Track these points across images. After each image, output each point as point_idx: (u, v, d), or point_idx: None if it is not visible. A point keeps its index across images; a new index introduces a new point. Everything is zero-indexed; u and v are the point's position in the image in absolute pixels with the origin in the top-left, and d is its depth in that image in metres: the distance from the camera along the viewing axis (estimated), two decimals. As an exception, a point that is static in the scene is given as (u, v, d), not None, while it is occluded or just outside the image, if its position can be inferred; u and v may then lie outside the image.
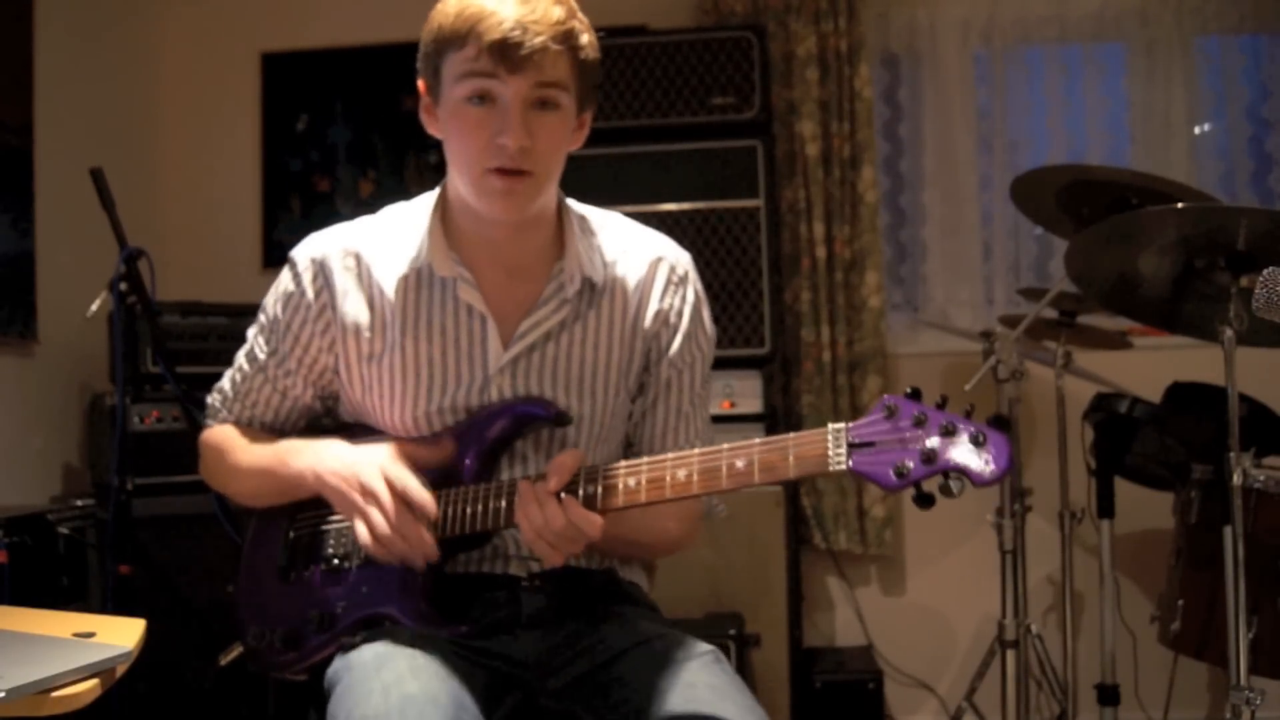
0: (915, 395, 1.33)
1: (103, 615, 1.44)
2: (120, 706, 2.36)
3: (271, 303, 1.67)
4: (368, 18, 3.80)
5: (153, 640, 1.37)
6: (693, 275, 1.68)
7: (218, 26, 3.94)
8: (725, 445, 1.39)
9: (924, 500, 1.30)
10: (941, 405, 1.33)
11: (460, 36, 1.45)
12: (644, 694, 1.45)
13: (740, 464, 1.37)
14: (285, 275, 1.66)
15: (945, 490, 1.29)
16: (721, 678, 1.47)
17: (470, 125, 1.48)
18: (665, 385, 1.66)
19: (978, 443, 1.28)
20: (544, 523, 1.43)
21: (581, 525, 1.42)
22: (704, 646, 1.53)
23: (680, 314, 1.65)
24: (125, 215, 2.56)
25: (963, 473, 1.28)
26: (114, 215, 2.53)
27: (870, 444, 1.32)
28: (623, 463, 1.45)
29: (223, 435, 1.73)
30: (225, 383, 1.75)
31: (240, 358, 1.73)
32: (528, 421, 1.57)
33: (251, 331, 1.72)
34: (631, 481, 1.42)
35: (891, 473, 1.30)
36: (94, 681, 1.17)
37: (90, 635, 1.30)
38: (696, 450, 1.41)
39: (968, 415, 1.32)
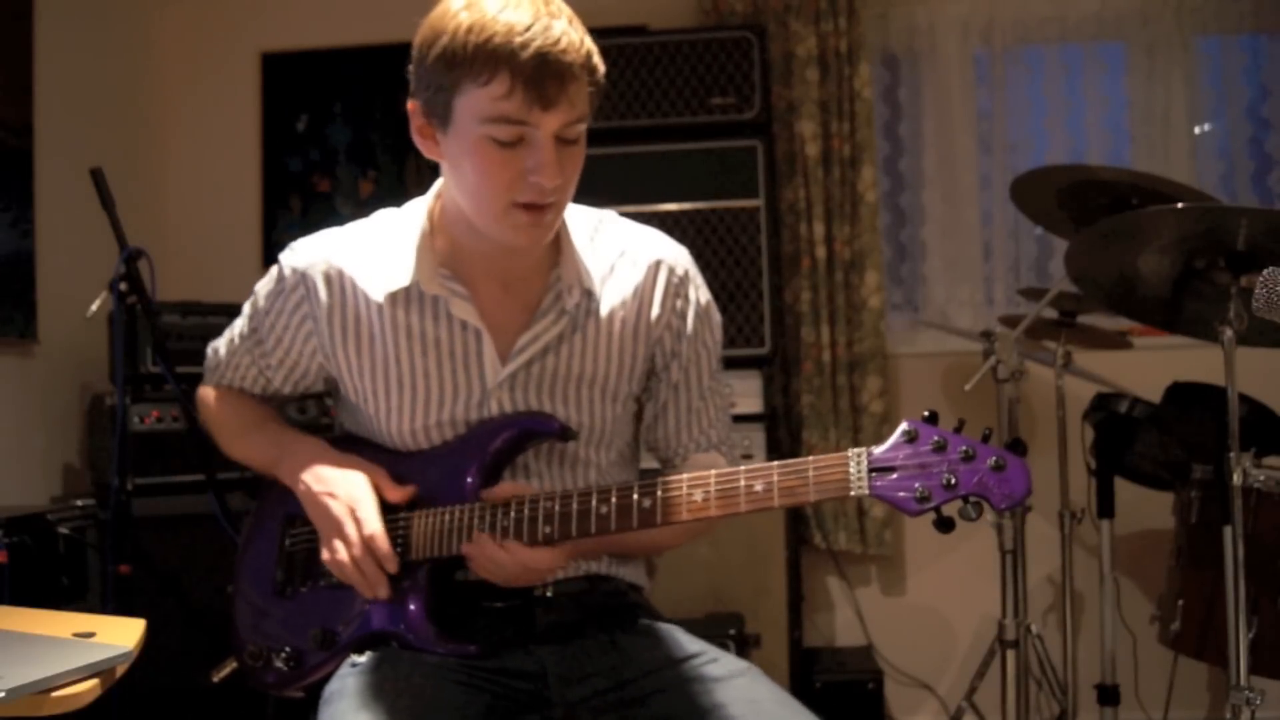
0: (933, 419, 1.34)
1: (103, 615, 1.44)
2: (120, 706, 2.36)
3: (263, 295, 1.67)
4: (368, 18, 3.80)
5: (153, 640, 1.37)
6: (693, 272, 1.65)
7: (217, 26, 3.94)
8: (742, 468, 1.39)
9: (944, 525, 1.31)
10: (959, 429, 1.33)
11: (485, 69, 1.36)
12: (693, 709, 1.44)
13: (759, 487, 1.37)
14: (273, 275, 1.66)
15: (965, 515, 1.31)
16: (778, 692, 1.47)
17: (495, 161, 1.41)
18: (674, 387, 1.65)
19: (997, 468, 1.30)
20: (498, 568, 1.45)
21: (531, 565, 1.44)
22: (741, 663, 1.52)
23: (684, 316, 1.63)
24: (125, 215, 2.56)
25: (983, 498, 1.30)
26: (114, 215, 2.53)
27: (890, 468, 1.32)
28: (636, 484, 1.44)
29: (218, 400, 1.76)
30: (222, 345, 1.77)
31: (238, 326, 1.74)
32: (531, 437, 1.55)
33: (246, 310, 1.72)
34: (646, 503, 1.41)
35: (913, 498, 1.31)
36: (94, 681, 1.17)
37: (90, 635, 1.30)
38: (712, 471, 1.40)
39: (985, 439, 1.33)
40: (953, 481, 1.30)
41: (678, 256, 1.65)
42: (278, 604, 1.61)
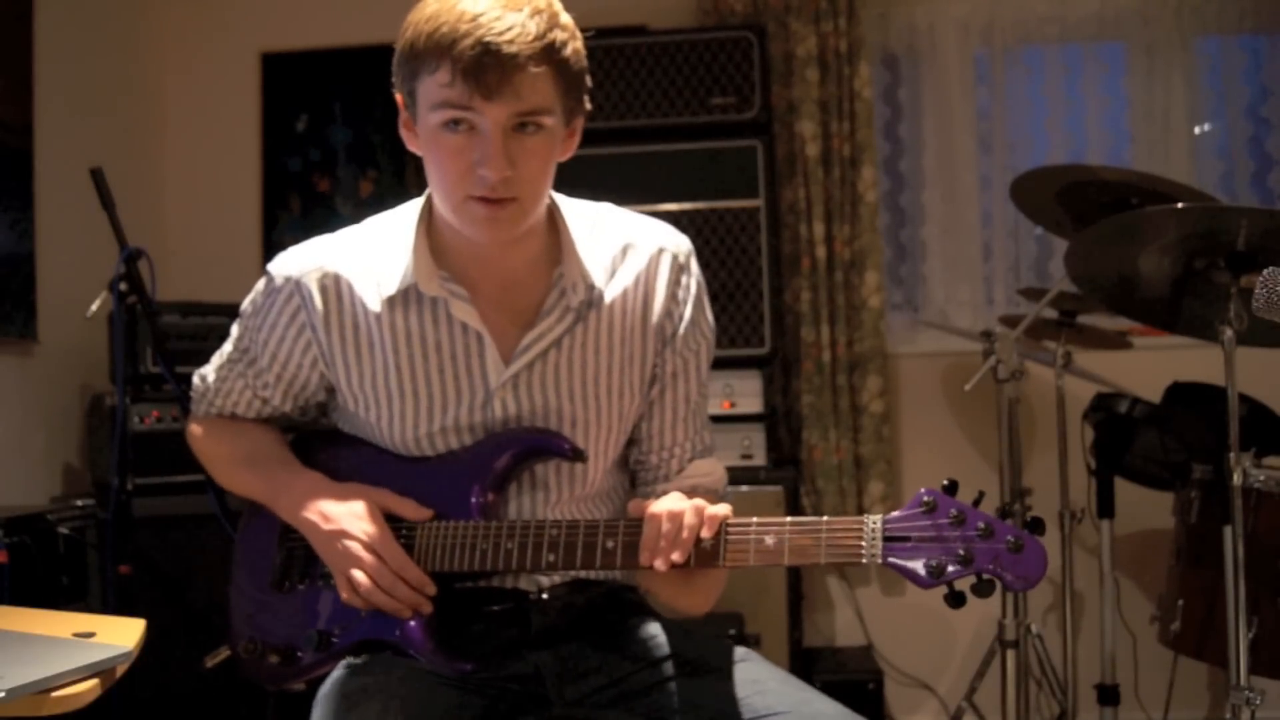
0: (952, 489, 1.32)
1: (103, 615, 1.44)
2: (120, 706, 2.36)
3: (251, 313, 1.62)
4: (368, 18, 3.78)
5: (153, 640, 1.37)
6: (693, 261, 1.62)
7: (218, 26, 3.94)
8: (754, 519, 1.37)
9: (956, 600, 1.29)
10: (978, 502, 1.32)
11: (433, 59, 1.37)
12: (695, 695, 1.43)
13: (770, 541, 1.35)
14: (262, 288, 1.60)
15: (977, 591, 1.29)
16: (778, 672, 1.47)
17: (448, 152, 1.40)
18: (672, 376, 1.60)
19: (1015, 548, 1.28)
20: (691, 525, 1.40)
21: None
22: (739, 649, 1.51)
23: (685, 302, 1.59)
24: (125, 215, 2.56)
25: (997, 577, 1.28)
26: (114, 215, 2.53)
27: (905, 538, 1.31)
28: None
29: (205, 435, 1.70)
30: (210, 371, 1.70)
31: (225, 350, 1.68)
32: (539, 454, 1.52)
33: (234, 331, 1.66)
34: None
35: (925, 571, 1.29)
36: (94, 681, 1.17)
37: (90, 635, 1.30)
38: (723, 513, 1.38)
39: (1004, 516, 1.31)
40: (968, 557, 1.28)
41: (679, 244, 1.62)
42: (275, 598, 1.59)
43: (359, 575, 1.47)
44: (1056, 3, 3.70)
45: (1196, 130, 3.69)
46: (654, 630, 1.57)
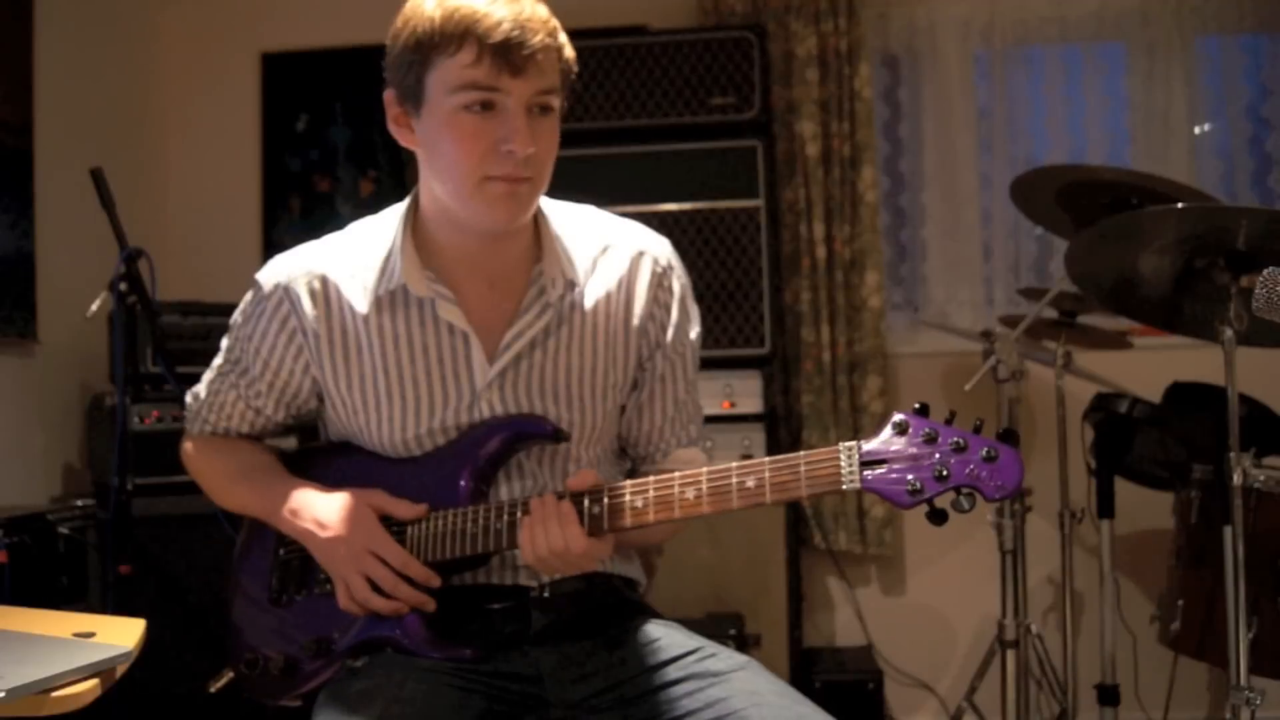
0: (924, 411, 1.33)
1: (103, 615, 1.44)
2: (120, 706, 2.36)
3: (241, 322, 1.64)
4: (368, 18, 3.77)
5: (153, 640, 1.37)
6: (675, 263, 1.65)
7: (218, 26, 3.94)
8: (734, 464, 1.38)
9: (937, 516, 1.31)
10: (950, 420, 1.33)
11: (453, 40, 1.40)
12: (693, 704, 1.44)
13: (751, 483, 1.36)
14: (251, 297, 1.62)
15: (957, 506, 1.30)
16: (777, 683, 1.48)
17: (469, 133, 1.42)
18: (661, 378, 1.63)
19: (989, 459, 1.29)
20: (563, 546, 1.41)
21: (580, 552, 1.41)
22: (740, 656, 1.52)
23: (668, 306, 1.62)
24: (125, 215, 2.56)
25: (975, 489, 1.29)
26: (114, 215, 2.53)
27: (882, 461, 1.32)
28: (628, 481, 1.43)
29: (197, 455, 1.72)
30: (201, 388, 1.72)
31: (216, 363, 1.69)
32: (523, 439, 1.54)
33: (225, 343, 1.68)
34: (639, 501, 1.40)
35: (904, 491, 1.30)
36: (94, 681, 1.17)
37: (90, 635, 1.30)
38: (705, 469, 1.39)
39: (977, 430, 1.32)
40: (944, 473, 1.29)
41: (660, 247, 1.64)
42: (273, 613, 1.60)
43: (358, 580, 1.48)
44: (1056, 3, 3.70)
45: (1196, 130, 3.69)
46: (656, 633, 1.57)
